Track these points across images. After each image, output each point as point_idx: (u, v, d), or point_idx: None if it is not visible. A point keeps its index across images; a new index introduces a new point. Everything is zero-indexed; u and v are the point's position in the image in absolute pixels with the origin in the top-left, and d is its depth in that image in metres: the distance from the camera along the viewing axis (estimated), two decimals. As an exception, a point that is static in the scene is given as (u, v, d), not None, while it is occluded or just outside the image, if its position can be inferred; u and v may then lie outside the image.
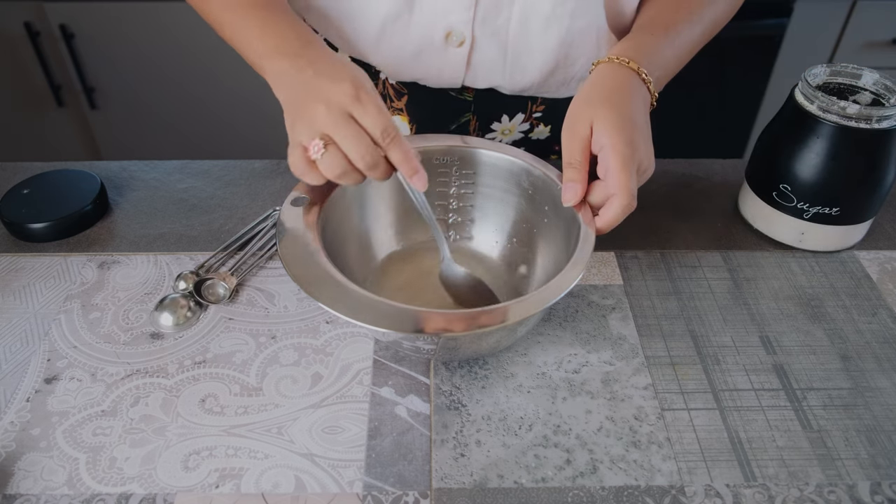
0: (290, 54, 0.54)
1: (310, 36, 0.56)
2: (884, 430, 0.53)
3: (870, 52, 1.64)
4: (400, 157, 0.51)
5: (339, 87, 0.49)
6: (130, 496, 0.48)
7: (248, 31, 0.57)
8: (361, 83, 0.50)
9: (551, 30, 0.67)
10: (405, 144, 0.51)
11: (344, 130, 0.49)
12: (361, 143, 0.49)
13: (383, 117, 0.49)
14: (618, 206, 0.52)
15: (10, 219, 0.67)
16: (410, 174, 0.51)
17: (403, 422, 0.53)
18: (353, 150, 0.49)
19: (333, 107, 0.49)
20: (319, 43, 0.55)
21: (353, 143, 0.49)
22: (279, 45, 0.55)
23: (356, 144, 0.49)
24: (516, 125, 0.78)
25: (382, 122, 0.49)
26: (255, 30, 0.57)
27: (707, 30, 0.65)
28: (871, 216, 0.67)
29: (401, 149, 0.50)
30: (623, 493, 0.48)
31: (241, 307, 0.62)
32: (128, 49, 1.60)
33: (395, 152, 0.50)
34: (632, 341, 0.59)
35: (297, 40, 0.55)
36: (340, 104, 0.49)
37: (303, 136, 0.51)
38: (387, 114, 0.50)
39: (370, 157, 0.50)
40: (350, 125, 0.49)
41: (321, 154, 0.50)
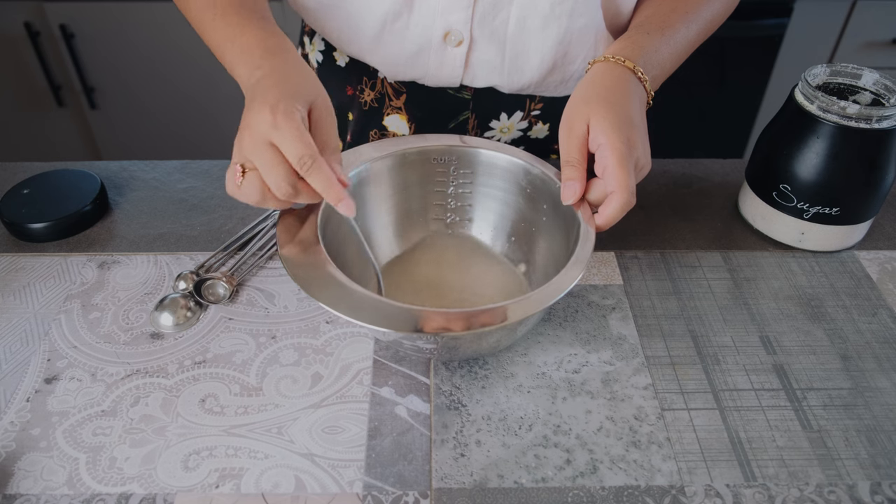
0: (250, 66, 0.53)
1: (274, 44, 0.54)
2: (884, 430, 0.53)
3: (870, 52, 1.64)
4: (321, 185, 0.49)
5: (260, 114, 0.48)
6: (130, 496, 0.48)
7: (218, 37, 0.57)
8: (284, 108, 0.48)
9: (549, 29, 0.67)
10: (325, 171, 0.48)
11: (261, 158, 0.48)
12: (278, 172, 0.48)
13: (299, 144, 0.47)
14: (617, 204, 0.52)
15: (10, 219, 0.67)
16: (335, 202, 0.49)
17: (403, 422, 0.53)
18: (269, 178, 0.48)
19: (255, 133, 0.48)
20: (281, 53, 0.54)
21: (269, 171, 0.48)
22: (242, 56, 0.55)
23: (272, 173, 0.48)
24: (515, 123, 0.79)
25: (299, 149, 0.47)
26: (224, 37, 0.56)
27: (703, 29, 0.65)
28: (871, 216, 0.67)
29: (320, 176, 0.48)
30: (623, 493, 0.48)
31: (241, 307, 0.62)
32: (128, 49, 1.60)
33: (314, 180, 0.48)
34: (632, 341, 0.59)
35: (258, 49, 0.54)
36: (260, 131, 0.48)
37: (234, 157, 0.51)
38: (306, 140, 0.48)
39: (285, 187, 0.48)
40: (267, 152, 0.48)
41: (240, 181, 0.50)
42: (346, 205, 0.50)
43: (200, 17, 0.59)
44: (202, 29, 0.60)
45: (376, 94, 0.78)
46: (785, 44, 1.61)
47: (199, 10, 0.59)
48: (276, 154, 0.48)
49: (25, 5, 1.52)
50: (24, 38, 1.56)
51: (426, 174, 0.63)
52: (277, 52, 0.54)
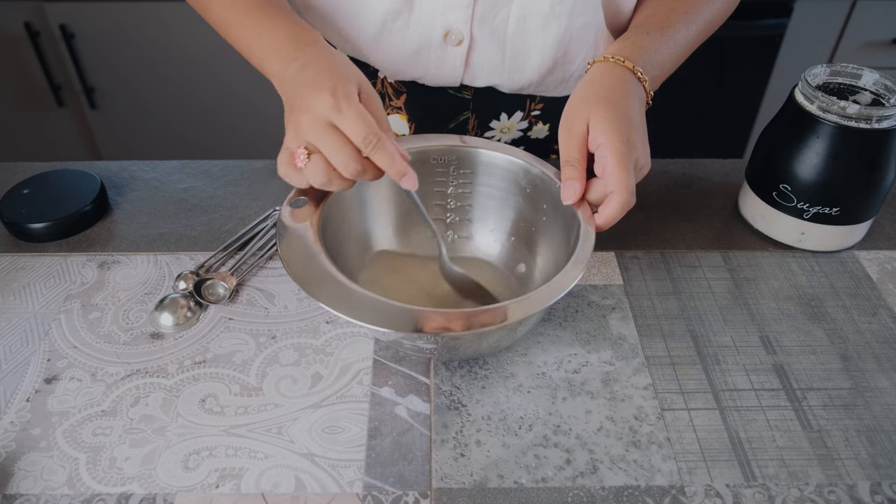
0: (283, 58, 0.54)
1: (305, 36, 0.56)
2: (884, 430, 0.53)
3: (870, 52, 1.64)
4: (385, 162, 0.50)
5: (319, 97, 0.49)
6: (130, 496, 0.48)
7: (246, 34, 0.58)
8: (343, 91, 0.50)
9: (549, 28, 0.67)
10: (389, 147, 0.50)
11: (326, 140, 0.49)
12: (344, 153, 0.49)
13: (364, 124, 0.49)
14: (616, 203, 0.52)
15: (10, 219, 0.67)
16: (398, 177, 0.51)
17: (403, 422, 0.53)
18: (336, 159, 0.50)
19: (315, 117, 0.49)
20: (315, 43, 0.55)
21: (336, 152, 0.50)
22: (274, 49, 0.56)
23: (339, 154, 0.49)
24: (515, 123, 0.79)
25: (363, 129, 0.49)
26: (253, 33, 0.57)
27: (703, 29, 0.65)
28: (871, 216, 0.67)
29: (385, 153, 0.50)
30: (623, 493, 0.48)
31: (241, 307, 0.62)
32: (128, 49, 1.60)
33: (379, 157, 0.50)
34: (632, 341, 0.59)
35: (291, 43, 0.55)
36: (321, 114, 0.49)
37: (290, 142, 0.52)
38: (368, 120, 0.49)
39: (353, 166, 0.50)
40: (331, 135, 0.49)
41: (305, 163, 0.51)
42: (410, 178, 0.51)
43: (224, 15, 0.60)
44: (226, 26, 0.60)
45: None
46: (785, 44, 1.61)
47: (223, 9, 0.60)
48: (341, 136, 0.50)
49: (25, 5, 1.52)
50: (24, 38, 1.56)
51: (426, 174, 0.63)
52: (311, 43, 0.55)
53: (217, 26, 0.62)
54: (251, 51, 0.58)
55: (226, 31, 0.61)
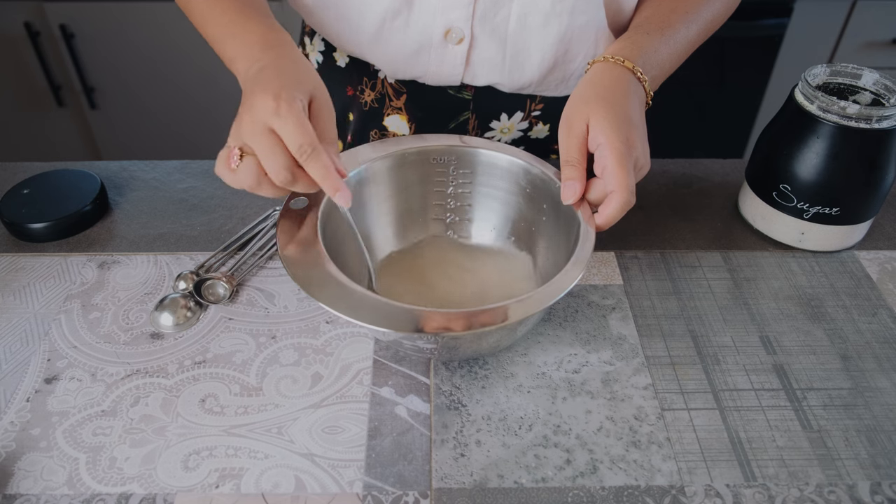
0: (249, 59, 0.54)
1: (274, 39, 0.55)
2: (884, 430, 0.53)
3: (870, 52, 1.64)
4: (318, 174, 0.49)
5: (263, 100, 0.49)
6: (130, 496, 0.48)
7: (220, 33, 0.58)
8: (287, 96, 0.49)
9: (550, 27, 0.67)
10: (324, 160, 0.49)
11: (261, 143, 0.49)
12: (276, 158, 0.49)
13: (301, 132, 0.48)
14: (617, 203, 0.52)
15: (10, 219, 0.67)
16: (331, 192, 0.50)
17: (403, 422, 0.53)
18: (268, 164, 0.49)
19: (256, 119, 0.49)
20: (280, 46, 0.55)
21: (268, 156, 0.49)
22: (243, 50, 0.55)
23: (270, 158, 0.49)
24: (515, 123, 0.79)
25: (299, 137, 0.48)
26: (226, 33, 0.58)
27: (703, 29, 0.65)
28: (871, 216, 0.67)
29: (318, 164, 0.49)
30: (623, 493, 0.48)
31: (241, 307, 0.62)
32: (128, 49, 1.60)
33: (312, 168, 0.49)
34: (632, 341, 0.59)
35: (258, 45, 0.55)
36: (261, 117, 0.49)
37: (230, 140, 0.51)
38: (306, 128, 0.48)
39: (284, 173, 0.49)
40: (267, 139, 0.48)
41: (237, 164, 0.50)
42: (343, 195, 0.50)
43: (201, 12, 0.60)
44: (203, 23, 0.61)
45: (376, 94, 0.78)
46: (785, 44, 1.61)
47: (201, 7, 0.60)
48: (276, 141, 0.49)
49: (25, 5, 1.52)
50: (24, 38, 1.56)
51: (426, 174, 0.63)
52: (277, 46, 0.55)
53: (196, 24, 0.62)
54: (223, 50, 0.58)
55: (203, 29, 0.62)
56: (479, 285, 0.62)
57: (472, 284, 0.63)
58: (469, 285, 0.63)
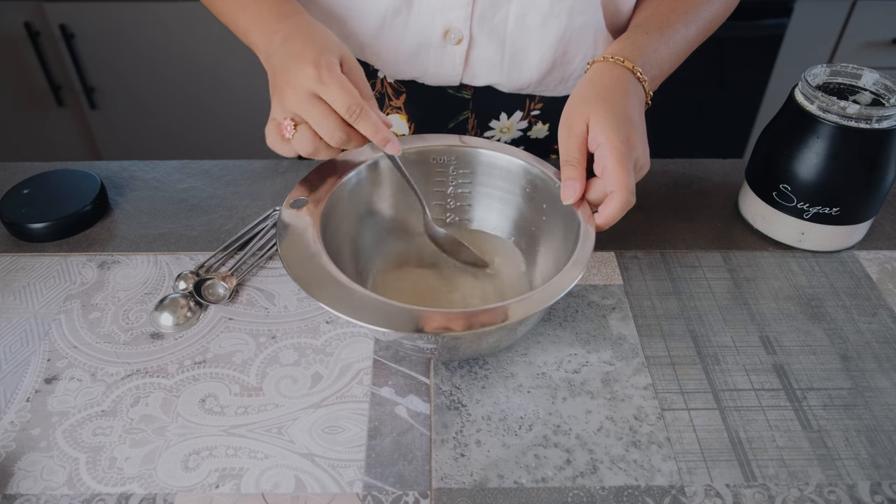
0: (265, 30, 0.56)
1: (287, 7, 0.57)
2: (884, 430, 0.53)
3: (870, 52, 1.64)
4: (369, 130, 0.52)
5: (303, 69, 0.51)
6: (130, 496, 0.48)
7: (231, 6, 0.60)
8: (326, 63, 0.51)
9: (549, 27, 0.67)
10: (372, 116, 0.52)
11: (311, 111, 0.51)
12: (329, 122, 0.51)
13: (347, 94, 0.51)
14: (617, 203, 0.52)
15: (10, 219, 0.67)
16: (382, 144, 0.53)
17: (403, 422, 0.53)
18: (322, 129, 0.52)
19: (299, 89, 0.51)
20: (296, 14, 0.57)
21: (321, 122, 0.51)
22: (256, 21, 0.57)
23: (324, 124, 0.51)
24: (515, 123, 0.79)
25: (346, 99, 0.51)
26: (237, 5, 0.59)
27: (702, 29, 0.66)
28: (871, 216, 0.67)
29: (368, 121, 0.52)
30: (623, 493, 0.48)
31: (241, 307, 0.62)
32: (128, 49, 1.60)
33: (363, 126, 0.52)
34: (632, 341, 0.59)
35: (273, 15, 0.57)
36: (305, 86, 0.51)
37: (277, 113, 0.53)
38: (350, 90, 0.51)
39: (338, 135, 0.52)
40: (316, 106, 0.51)
41: (292, 134, 0.53)
42: (393, 145, 0.54)
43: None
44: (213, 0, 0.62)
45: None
46: (785, 44, 1.61)
47: None
48: (325, 106, 0.51)
49: (25, 5, 1.52)
50: (24, 38, 1.56)
51: (425, 174, 0.63)
52: (292, 15, 0.57)
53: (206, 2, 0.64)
54: (235, 23, 0.60)
55: (212, 5, 0.63)
56: (478, 285, 0.62)
57: (472, 284, 0.63)
58: (468, 285, 0.63)
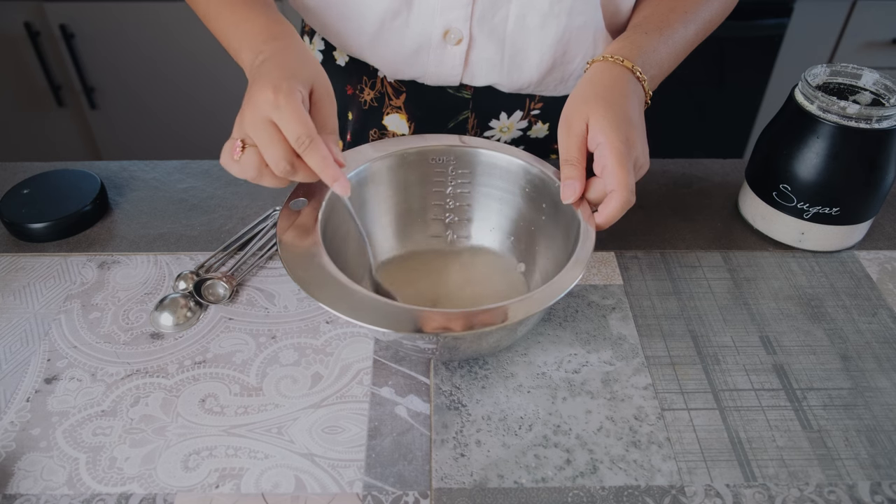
0: (253, 50, 0.56)
1: (276, 30, 0.57)
2: (884, 430, 0.53)
3: (870, 52, 1.64)
4: (317, 164, 0.50)
5: (262, 92, 0.50)
6: (130, 496, 0.48)
7: (224, 24, 0.60)
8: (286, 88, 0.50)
9: (548, 27, 0.67)
10: (322, 150, 0.50)
11: (261, 135, 0.50)
12: (276, 149, 0.50)
13: (299, 124, 0.49)
14: (616, 202, 0.52)
15: (10, 219, 0.67)
16: (330, 181, 0.51)
17: (403, 422, 0.53)
18: (269, 155, 0.50)
19: (257, 111, 0.50)
20: (283, 38, 0.56)
21: (268, 148, 0.50)
22: (246, 41, 0.57)
23: (271, 150, 0.50)
24: (514, 123, 0.79)
25: (298, 129, 0.49)
26: (230, 23, 0.59)
27: (702, 29, 0.66)
28: (871, 216, 0.67)
29: (316, 155, 0.50)
30: (623, 493, 0.48)
31: (241, 307, 0.62)
32: (128, 49, 1.60)
33: (311, 159, 0.50)
34: (632, 341, 0.59)
35: (261, 35, 0.56)
36: (261, 109, 0.50)
37: (234, 133, 0.52)
38: (304, 120, 0.49)
39: (283, 164, 0.50)
40: (267, 131, 0.50)
41: (239, 156, 0.51)
42: (341, 185, 0.51)
43: (206, 4, 0.61)
44: (207, 16, 0.62)
45: (376, 93, 0.78)
46: (785, 44, 1.61)
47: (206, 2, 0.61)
48: (276, 132, 0.50)
49: (25, 5, 1.52)
50: (24, 38, 1.56)
51: (425, 174, 0.63)
52: (280, 37, 0.56)
53: (201, 17, 0.64)
54: (228, 41, 0.60)
55: (207, 21, 0.63)
56: (478, 285, 0.62)
57: (472, 284, 0.63)
58: (469, 285, 0.63)
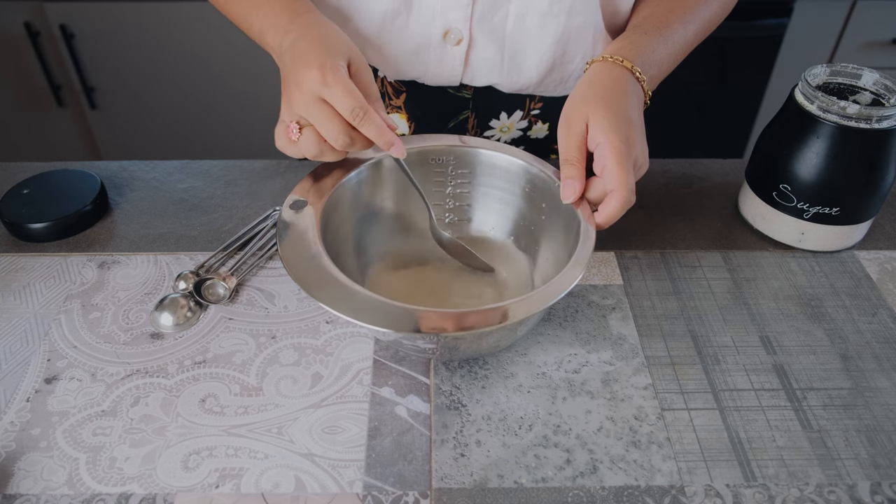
0: (279, 30, 0.56)
1: (299, 6, 0.57)
2: (884, 430, 0.53)
3: (870, 52, 1.64)
4: (373, 133, 0.52)
5: (308, 72, 0.51)
6: (130, 496, 0.48)
7: (244, 8, 0.60)
8: (331, 65, 0.51)
9: (548, 27, 0.67)
10: (376, 119, 0.52)
11: (316, 114, 0.52)
12: (333, 125, 0.52)
13: (351, 98, 0.51)
14: (616, 202, 0.52)
15: (10, 219, 0.67)
16: (387, 147, 0.53)
17: (403, 422, 0.53)
18: (327, 131, 0.52)
19: (305, 91, 0.51)
20: (308, 13, 0.57)
21: (326, 126, 0.52)
22: (269, 22, 0.58)
23: (328, 127, 0.52)
24: (514, 123, 0.79)
25: (350, 102, 0.51)
26: (250, 7, 0.60)
27: (701, 29, 0.66)
28: (871, 216, 0.67)
29: (372, 124, 0.52)
30: (623, 493, 0.48)
31: (241, 307, 0.62)
32: (128, 49, 1.60)
33: (367, 129, 0.52)
34: (632, 341, 0.59)
35: (285, 14, 0.57)
36: (311, 89, 0.51)
37: (284, 115, 0.54)
38: (355, 93, 0.51)
39: (342, 138, 0.52)
40: (321, 109, 0.51)
41: (298, 137, 0.53)
42: (398, 148, 0.54)
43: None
44: (226, 3, 0.63)
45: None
46: (785, 44, 1.61)
47: None
48: (329, 109, 0.52)
49: (25, 5, 1.52)
50: (24, 38, 1.56)
51: (425, 174, 0.63)
52: (304, 13, 0.57)
53: (218, 5, 0.64)
54: (250, 25, 0.60)
55: (225, 7, 0.63)
56: (479, 285, 0.62)
57: (472, 284, 0.63)
58: (469, 285, 0.63)
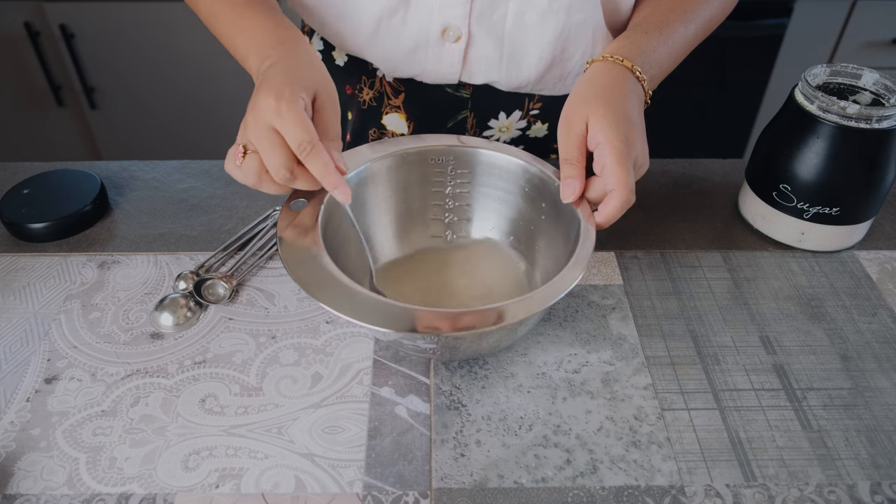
0: (260, 55, 0.56)
1: (283, 34, 0.57)
2: (884, 430, 0.53)
3: (870, 52, 1.64)
4: (318, 171, 0.51)
5: (265, 99, 0.50)
6: (130, 496, 0.48)
7: (230, 29, 0.59)
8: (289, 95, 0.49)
9: (547, 25, 0.67)
10: (323, 157, 0.50)
11: (263, 141, 0.50)
12: (276, 155, 0.50)
13: (301, 130, 0.49)
14: (616, 202, 0.52)
15: (10, 219, 0.67)
16: (330, 188, 0.51)
17: (403, 422, 0.53)
18: (269, 161, 0.50)
19: (258, 118, 0.50)
20: (289, 42, 0.56)
21: (270, 154, 0.50)
22: (253, 46, 0.57)
23: (271, 156, 0.50)
24: (514, 122, 0.79)
25: (300, 135, 0.49)
26: (235, 29, 0.59)
27: (702, 29, 0.66)
28: (871, 216, 0.67)
29: (319, 162, 0.50)
30: (623, 493, 0.48)
31: (241, 307, 0.62)
32: (128, 49, 1.60)
33: (313, 165, 0.50)
34: (632, 341, 0.59)
35: (269, 40, 0.56)
36: (264, 116, 0.50)
37: (238, 138, 0.53)
38: (306, 126, 0.49)
39: (283, 171, 0.50)
40: (270, 137, 0.50)
41: (240, 161, 0.52)
42: (343, 191, 0.52)
43: (210, 9, 0.61)
44: (213, 21, 0.62)
45: (375, 92, 0.78)
46: (785, 44, 1.61)
47: (209, 4, 0.61)
48: (278, 138, 0.50)
49: (25, 5, 1.52)
50: (24, 38, 1.56)
51: (424, 174, 0.63)
52: (288, 42, 0.56)
53: (205, 21, 0.63)
54: (234, 47, 0.60)
55: (212, 26, 0.63)
56: (479, 285, 0.62)
57: (472, 284, 0.63)
58: (469, 285, 0.63)
